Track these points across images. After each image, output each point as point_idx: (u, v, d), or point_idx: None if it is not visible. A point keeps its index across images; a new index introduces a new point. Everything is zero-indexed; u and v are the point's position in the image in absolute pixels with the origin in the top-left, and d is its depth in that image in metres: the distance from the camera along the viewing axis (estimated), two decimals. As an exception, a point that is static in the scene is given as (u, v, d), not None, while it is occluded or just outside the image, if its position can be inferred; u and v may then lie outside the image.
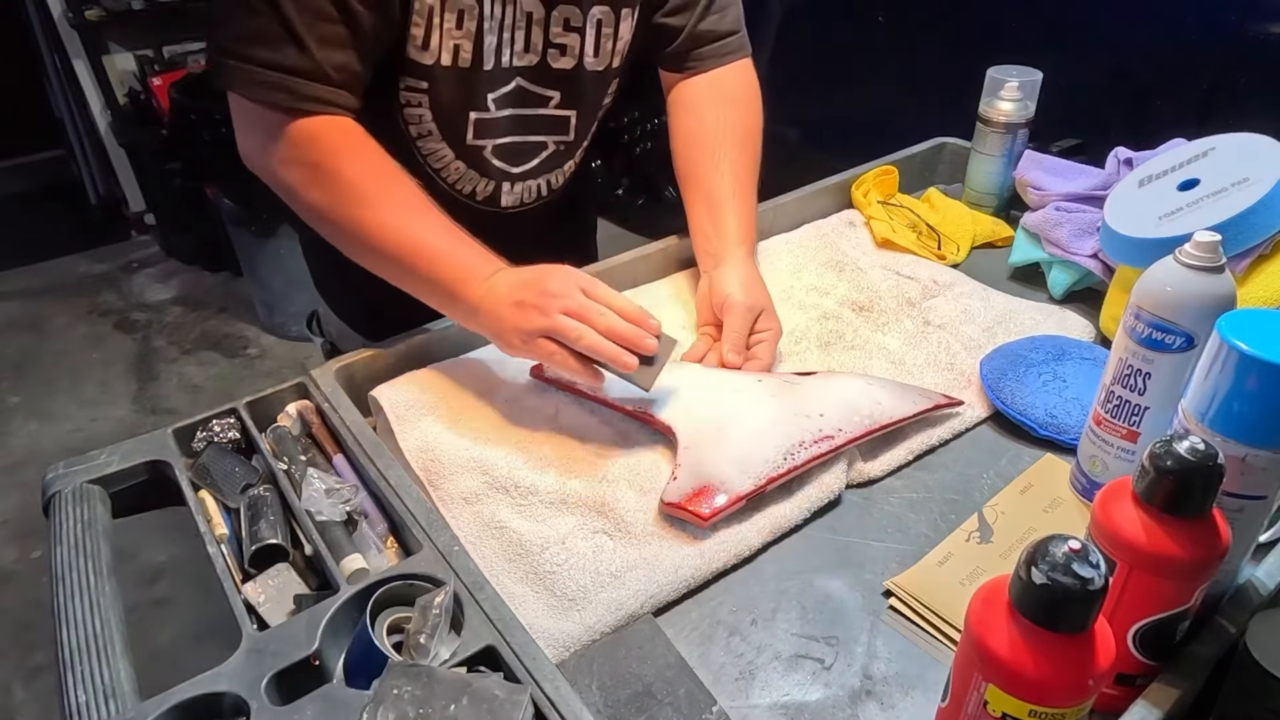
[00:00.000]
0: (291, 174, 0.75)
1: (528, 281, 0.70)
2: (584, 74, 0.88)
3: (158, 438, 0.70)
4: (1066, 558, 0.40)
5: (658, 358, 0.70)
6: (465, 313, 0.74)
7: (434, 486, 0.70)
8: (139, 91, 2.94)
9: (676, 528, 0.66)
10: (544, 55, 0.84)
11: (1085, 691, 0.41)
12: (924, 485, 0.72)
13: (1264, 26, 1.39)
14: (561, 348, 0.68)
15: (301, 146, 0.74)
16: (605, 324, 0.68)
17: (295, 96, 0.72)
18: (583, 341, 0.67)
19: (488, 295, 0.71)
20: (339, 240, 0.77)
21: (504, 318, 0.70)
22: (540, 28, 0.82)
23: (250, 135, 0.76)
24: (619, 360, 0.68)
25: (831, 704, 0.56)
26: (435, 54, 0.78)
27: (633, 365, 0.68)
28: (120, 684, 0.52)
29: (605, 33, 0.87)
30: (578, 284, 0.70)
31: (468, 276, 0.72)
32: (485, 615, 0.54)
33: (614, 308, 0.69)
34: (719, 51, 0.94)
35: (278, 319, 2.69)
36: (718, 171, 0.90)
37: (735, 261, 0.86)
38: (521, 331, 0.69)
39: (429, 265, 0.73)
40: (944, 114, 1.24)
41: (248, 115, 0.75)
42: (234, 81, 0.73)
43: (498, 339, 0.72)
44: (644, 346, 0.69)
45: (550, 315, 0.68)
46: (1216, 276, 0.57)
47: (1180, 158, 0.86)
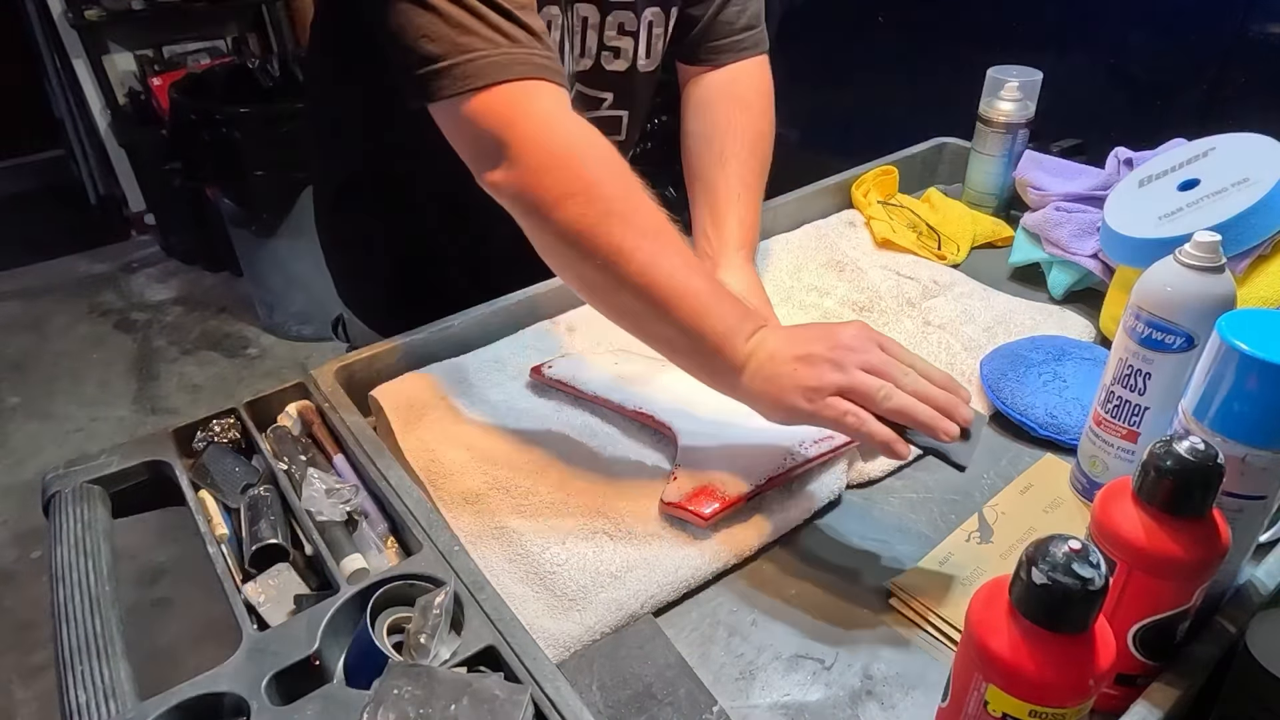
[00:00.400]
0: (550, 183, 0.63)
1: (813, 336, 0.62)
2: (636, 75, 0.89)
3: (158, 438, 0.70)
4: (1067, 558, 0.40)
5: (973, 430, 0.60)
6: (726, 371, 0.63)
7: (434, 486, 0.70)
8: (139, 91, 2.94)
9: (677, 528, 0.66)
10: (598, 59, 0.85)
11: (1086, 692, 0.41)
12: (924, 485, 0.72)
13: (1264, 26, 1.39)
14: (865, 412, 0.59)
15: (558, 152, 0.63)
16: (914, 386, 0.59)
17: (532, 66, 0.63)
18: (889, 403, 0.58)
19: (758, 350, 0.62)
20: (583, 271, 0.64)
21: (785, 374, 0.60)
22: (595, 32, 0.83)
23: (487, 148, 0.64)
24: (938, 428, 0.57)
25: (832, 704, 0.55)
26: None
27: (954, 433, 0.58)
28: (120, 684, 0.52)
29: (656, 33, 0.87)
30: (874, 339, 0.61)
31: (735, 331, 0.62)
32: (485, 615, 0.54)
33: (919, 370, 0.60)
34: (736, 46, 0.94)
35: (278, 319, 2.69)
36: (724, 174, 0.90)
37: (733, 266, 0.86)
38: (808, 389, 0.59)
39: (694, 315, 0.62)
40: (944, 114, 1.24)
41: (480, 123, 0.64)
42: (457, 80, 0.63)
43: (776, 400, 0.61)
44: (959, 415, 0.59)
45: (848, 371, 0.59)
46: (1216, 276, 0.57)
47: (1180, 158, 0.86)
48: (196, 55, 3.06)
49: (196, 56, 3.05)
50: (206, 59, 3.04)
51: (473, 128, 0.65)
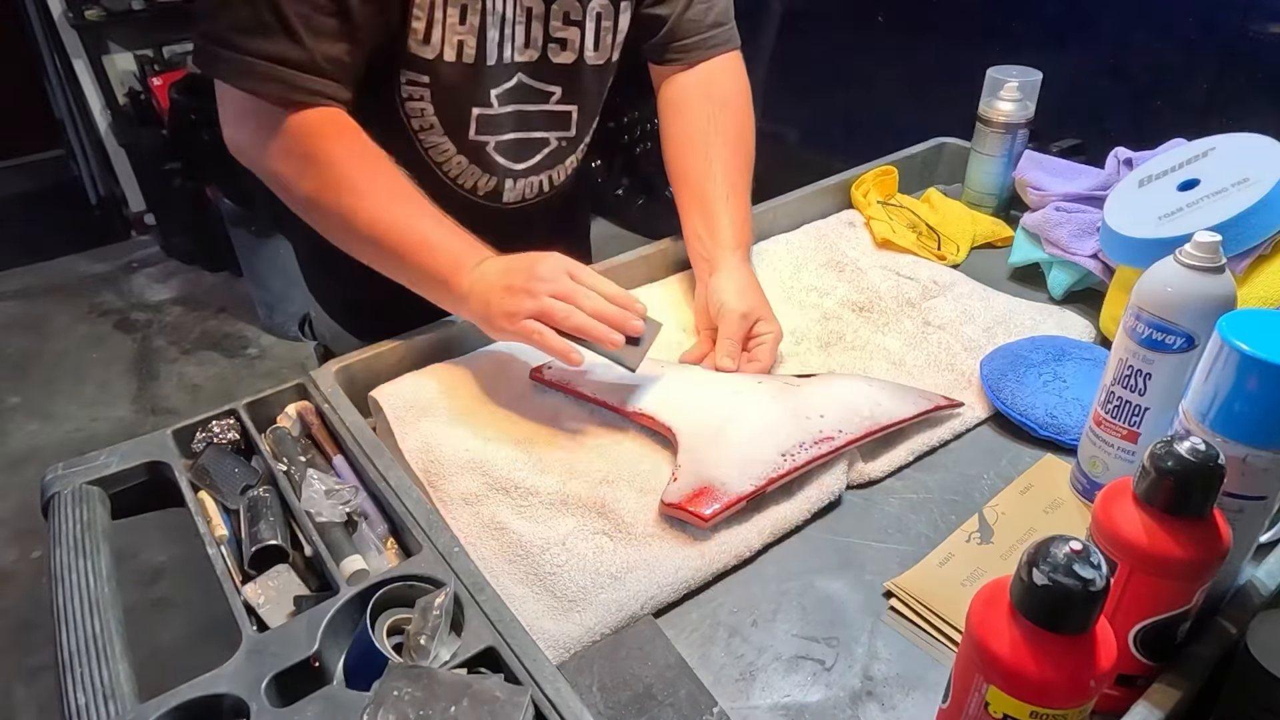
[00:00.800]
0: (283, 165, 0.75)
1: (517, 267, 0.72)
2: (584, 68, 0.88)
3: (157, 438, 0.70)
4: (1068, 559, 0.40)
5: (643, 339, 0.72)
6: (455, 300, 0.75)
7: (434, 487, 0.70)
8: (139, 91, 2.94)
9: (677, 529, 0.66)
10: (544, 50, 0.84)
11: (1086, 692, 0.41)
12: (924, 486, 0.72)
13: (1264, 26, 1.39)
14: (547, 329, 0.70)
15: (294, 138, 0.74)
16: (592, 306, 0.70)
17: (287, 87, 0.72)
18: (569, 321, 0.69)
19: (478, 281, 0.73)
20: (330, 231, 0.77)
21: (492, 301, 0.72)
22: (540, 22, 0.82)
23: (240, 126, 0.76)
24: (605, 338, 0.70)
25: (832, 705, 0.55)
26: (437, 49, 0.78)
27: (619, 343, 0.70)
28: (120, 685, 0.52)
29: (605, 25, 0.86)
30: (566, 269, 0.72)
31: (457, 265, 0.74)
32: (485, 616, 0.54)
33: (600, 291, 0.72)
34: (705, 43, 0.94)
35: (278, 319, 2.69)
36: (710, 174, 0.90)
37: (730, 267, 0.85)
38: (509, 313, 0.71)
39: (420, 254, 0.74)
40: (944, 114, 1.24)
41: (237, 106, 0.75)
42: (225, 71, 0.72)
43: (485, 323, 0.73)
44: (629, 327, 0.71)
45: (538, 298, 0.70)
46: (1217, 277, 0.57)
47: (1180, 158, 0.86)
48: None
49: (197, 57, 3.05)
50: (206, 59, 3.04)
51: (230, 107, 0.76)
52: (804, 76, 2.20)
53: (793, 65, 2.21)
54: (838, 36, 2.13)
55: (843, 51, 2.14)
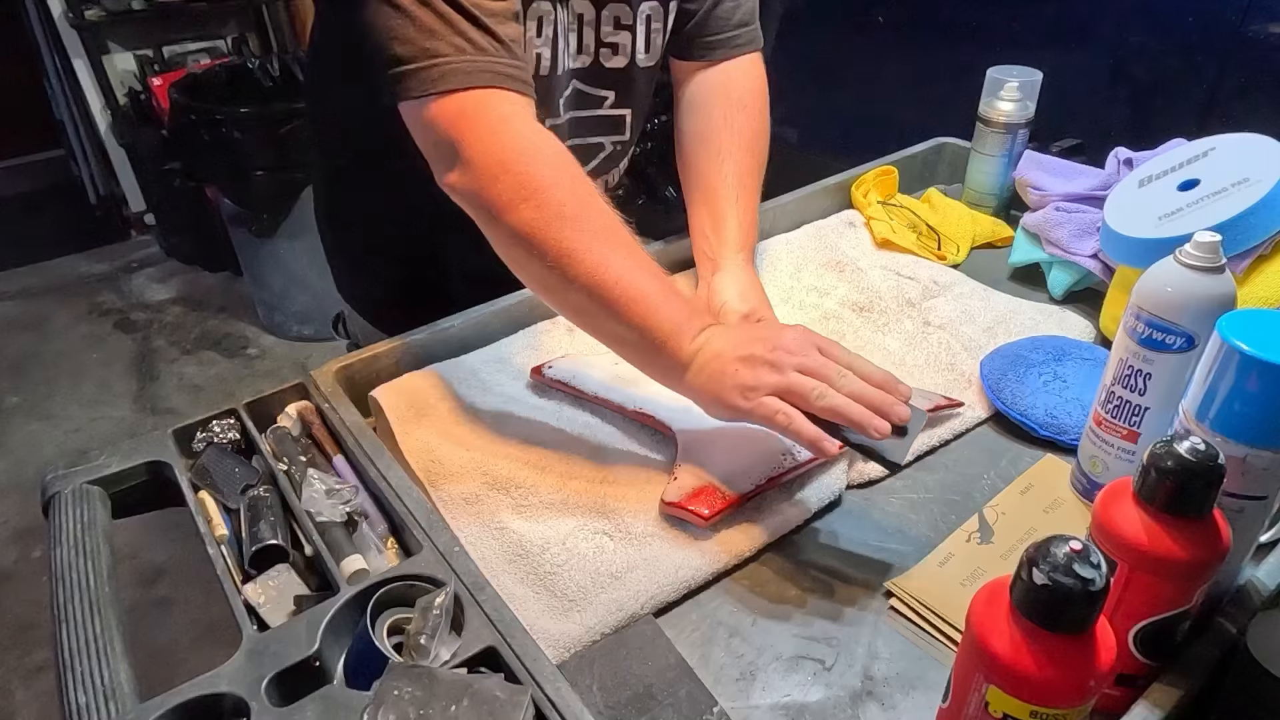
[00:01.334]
0: (502, 187, 0.65)
1: (756, 337, 0.65)
2: (636, 71, 0.88)
3: (157, 438, 0.70)
4: (1068, 558, 0.40)
5: (909, 427, 0.61)
6: (673, 367, 0.66)
7: (434, 487, 0.70)
8: (139, 91, 2.94)
9: (677, 528, 0.66)
10: (596, 55, 0.85)
11: (1086, 692, 0.41)
12: (924, 486, 0.72)
13: (1264, 26, 1.39)
14: (795, 411, 0.61)
15: (512, 156, 0.66)
16: (849, 387, 0.61)
17: (494, 75, 0.66)
18: (822, 402, 0.60)
19: (703, 349, 0.65)
20: (535, 270, 0.67)
21: (725, 373, 0.63)
22: (591, 28, 0.83)
23: (446, 150, 0.67)
24: (869, 425, 0.59)
25: (832, 705, 0.55)
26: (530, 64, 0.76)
27: (885, 431, 0.59)
28: (120, 685, 0.52)
29: (655, 28, 0.87)
30: (814, 342, 0.64)
31: (681, 329, 0.65)
32: (486, 616, 0.54)
33: (857, 370, 0.62)
34: (731, 41, 0.94)
35: (278, 319, 2.69)
36: (721, 174, 0.90)
37: (733, 268, 0.86)
38: (746, 389, 0.62)
39: (641, 313, 0.65)
40: (944, 114, 1.24)
41: (441, 125, 0.67)
42: (422, 83, 0.65)
43: (714, 398, 0.65)
44: (894, 414, 0.60)
45: (784, 372, 0.62)
46: (1217, 277, 0.57)
47: (1180, 158, 0.86)
48: (196, 55, 3.06)
49: (196, 56, 3.05)
50: (206, 59, 3.04)
51: (432, 131, 0.67)
52: (804, 76, 2.20)
53: (793, 65, 2.20)
54: (838, 36, 2.13)
55: (843, 51, 2.14)
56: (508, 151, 0.66)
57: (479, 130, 0.66)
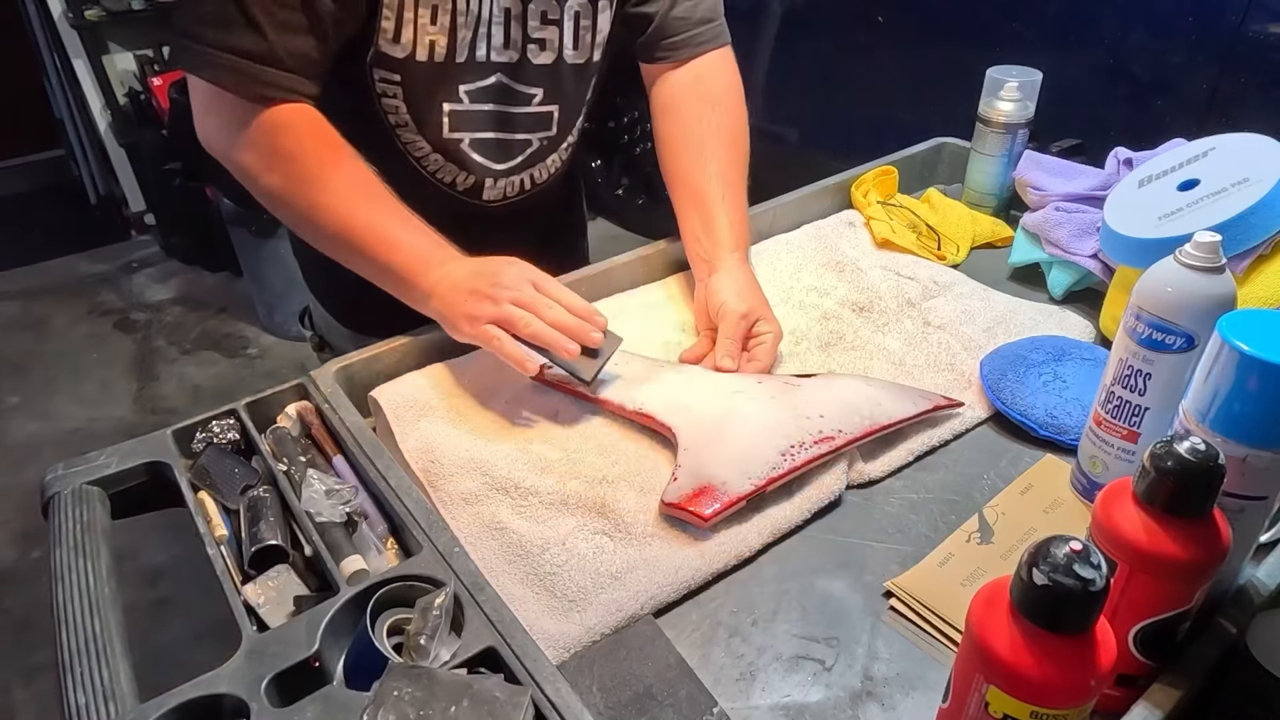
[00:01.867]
0: (249, 158, 0.75)
1: (482, 272, 0.73)
2: (564, 68, 0.88)
3: (157, 439, 0.70)
4: (1068, 559, 0.40)
5: (602, 351, 0.74)
6: (418, 298, 0.76)
7: (434, 487, 0.70)
8: (139, 91, 2.94)
9: (677, 529, 0.66)
10: (524, 51, 0.84)
11: (1086, 692, 0.41)
12: (924, 486, 0.72)
13: (1264, 26, 1.39)
14: (505, 335, 0.71)
15: (258, 131, 0.74)
16: (552, 316, 0.72)
17: (249, 80, 0.72)
18: (528, 329, 0.71)
19: (441, 281, 0.74)
20: (296, 225, 0.78)
21: (455, 304, 0.73)
22: (519, 23, 0.82)
23: (208, 118, 0.76)
24: (561, 347, 0.71)
25: (832, 705, 0.55)
26: (409, 48, 0.78)
27: (574, 352, 0.71)
28: (120, 685, 0.52)
29: (584, 25, 0.86)
30: (530, 278, 0.73)
31: (423, 263, 0.75)
32: (485, 616, 0.54)
33: (562, 302, 0.73)
34: (694, 40, 0.93)
35: (278, 319, 2.69)
36: (705, 174, 0.90)
37: (729, 267, 0.86)
38: (470, 317, 0.72)
39: (384, 251, 0.75)
40: (944, 114, 1.24)
41: (206, 98, 0.75)
42: (190, 63, 0.73)
43: (447, 324, 0.75)
44: (588, 339, 0.72)
45: (500, 304, 0.71)
46: (1217, 277, 0.57)
47: (1180, 158, 0.86)
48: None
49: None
50: (206, 59, 3.04)
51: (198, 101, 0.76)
52: (804, 76, 2.20)
53: (793, 65, 2.21)
54: (838, 36, 2.13)
55: (843, 51, 2.14)
56: (255, 126, 0.74)
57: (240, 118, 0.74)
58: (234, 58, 0.72)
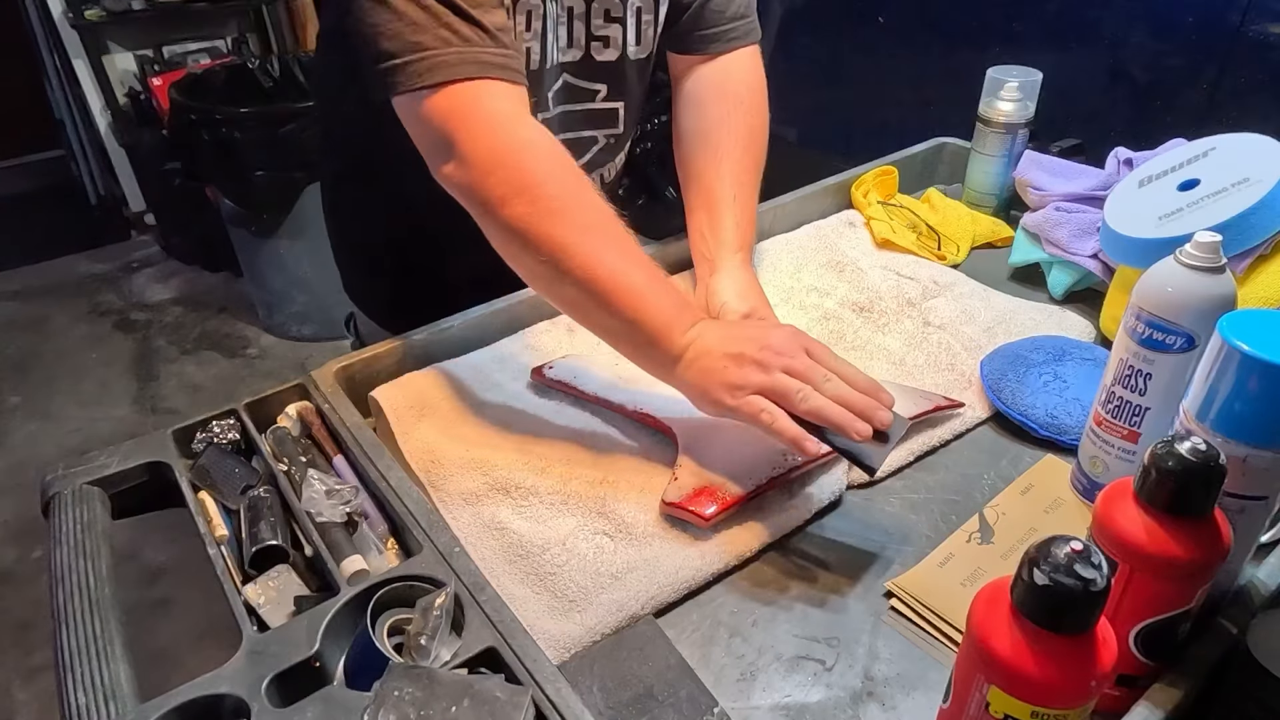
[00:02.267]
0: (496, 182, 0.66)
1: (745, 335, 0.66)
2: (628, 64, 0.88)
3: (157, 439, 0.70)
4: (1068, 559, 0.40)
5: (891, 433, 0.62)
6: (664, 360, 0.67)
7: (434, 487, 0.70)
8: (139, 91, 2.94)
9: (677, 528, 0.66)
10: (587, 49, 0.84)
11: (1087, 693, 0.41)
12: (925, 486, 0.72)
13: (1264, 26, 1.39)
14: (778, 410, 0.62)
15: (506, 151, 0.67)
16: (833, 390, 0.62)
17: (481, 65, 0.66)
18: (806, 404, 0.61)
19: (694, 344, 0.66)
20: (529, 264, 0.68)
21: (714, 371, 0.64)
22: (582, 21, 0.83)
23: (439, 144, 0.68)
24: (850, 427, 0.60)
25: (833, 705, 0.55)
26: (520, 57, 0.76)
27: (866, 433, 0.60)
28: (120, 686, 0.52)
29: (645, 19, 0.86)
30: (802, 344, 0.65)
31: (673, 324, 0.66)
32: (486, 617, 0.54)
33: (842, 375, 0.63)
34: (726, 35, 0.93)
35: (278, 319, 2.69)
36: (718, 174, 0.90)
37: (731, 268, 0.86)
38: (733, 386, 0.63)
39: (633, 306, 0.66)
40: (944, 114, 1.24)
41: (434, 119, 0.68)
42: (410, 77, 0.66)
43: (703, 393, 0.66)
44: (876, 419, 0.61)
45: (771, 373, 0.63)
46: (1217, 277, 0.57)
47: (1180, 158, 0.86)
48: (196, 55, 3.06)
49: (196, 56, 3.05)
50: (206, 59, 3.04)
51: (424, 125, 0.68)
52: (804, 76, 2.20)
53: (793, 65, 2.21)
54: (838, 36, 2.13)
55: (843, 51, 2.13)
56: (501, 147, 0.67)
57: (472, 125, 0.67)
58: (458, 49, 0.66)
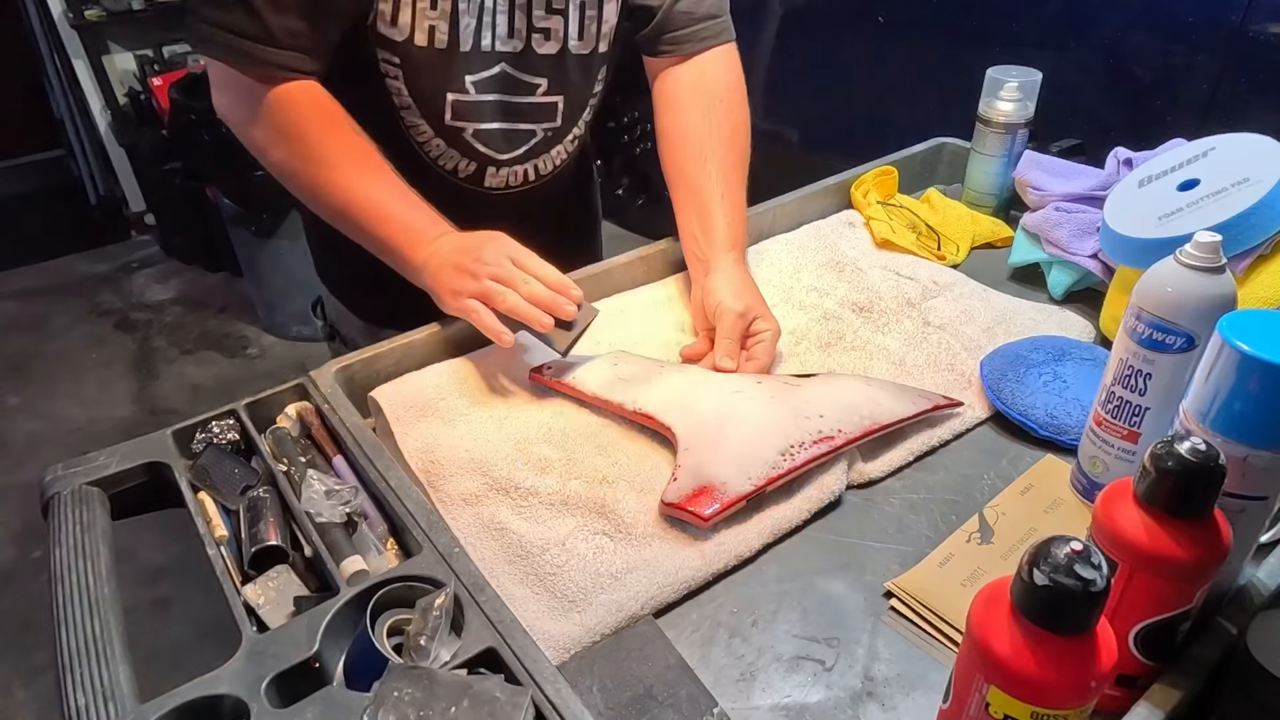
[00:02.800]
0: (258, 134, 0.79)
1: (466, 247, 0.76)
2: (569, 58, 0.88)
3: (157, 439, 0.70)
4: (1068, 559, 0.40)
5: (576, 323, 0.76)
6: (411, 272, 0.79)
7: (434, 488, 0.70)
8: (139, 91, 2.94)
9: (677, 529, 0.66)
10: (528, 40, 0.85)
11: (1087, 693, 0.41)
12: (924, 486, 0.72)
13: (1264, 26, 1.39)
14: (484, 309, 0.73)
15: (266, 109, 0.77)
16: (528, 290, 0.73)
17: (244, 58, 0.75)
18: (505, 303, 0.73)
19: (432, 257, 0.77)
20: (302, 198, 0.82)
21: (440, 278, 0.76)
22: (523, 12, 0.83)
23: (222, 92, 0.80)
24: (534, 320, 0.73)
25: (833, 705, 0.55)
26: (406, 31, 0.79)
27: (548, 325, 0.73)
28: (119, 686, 0.52)
29: (589, 15, 0.87)
30: (509, 253, 0.75)
31: (416, 238, 0.78)
32: (486, 617, 0.54)
33: (539, 276, 0.75)
34: (698, 35, 0.93)
35: (278, 319, 2.69)
36: (705, 173, 0.90)
37: (725, 267, 0.86)
38: (453, 291, 0.75)
39: (382, 225, 0.78)
40: (944, 114, 1.24)
41: (218, 73, 0.78)
42: (193, 39, 0.76)
43: (436, 295, 0.77)
44: (562, 312, 0.74)
45: (480, 279, 0.74)
46: (1217, 277, 0.57)
47: (1180, 158, 0.86)
48: (196, 55, 3.06)
49: (196, 56, 3.05)
50: (206, 59, 3.04)
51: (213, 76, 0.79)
52: (804, 76, 2.20)
53: (793, 65, 2.21)
54: (838, 36, 2.13)
55: (843, 51, 2.13)
56: (263, 105, 0.77)
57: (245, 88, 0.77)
58: (233, 36, 0.74)
